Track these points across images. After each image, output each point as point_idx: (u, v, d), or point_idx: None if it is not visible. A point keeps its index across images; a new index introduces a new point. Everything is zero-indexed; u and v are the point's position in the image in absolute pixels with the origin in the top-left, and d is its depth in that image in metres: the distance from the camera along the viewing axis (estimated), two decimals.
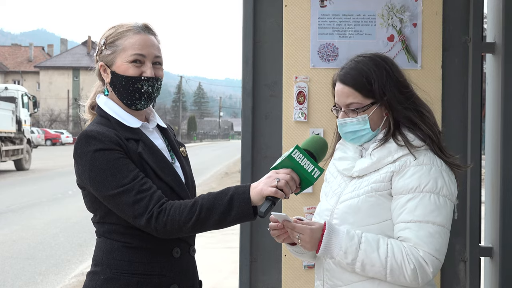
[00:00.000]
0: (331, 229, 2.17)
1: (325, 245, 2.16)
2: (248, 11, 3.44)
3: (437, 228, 2.13)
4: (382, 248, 2.13)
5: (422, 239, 2.11)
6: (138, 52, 2.27)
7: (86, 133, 2.20)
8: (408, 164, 2.19)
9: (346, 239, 2.14)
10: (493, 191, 3.49)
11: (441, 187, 2.16)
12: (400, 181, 2.18)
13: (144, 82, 2.27)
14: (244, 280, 3.46)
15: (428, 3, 3.41)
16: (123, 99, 2.30)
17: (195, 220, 2.11)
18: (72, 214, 12.65)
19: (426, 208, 2.14)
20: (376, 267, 2.13)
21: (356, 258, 2.13)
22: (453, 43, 3.42)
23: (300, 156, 2.14)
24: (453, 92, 3.41)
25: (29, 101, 26.65)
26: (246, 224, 3.43)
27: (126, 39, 2.28)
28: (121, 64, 2.27)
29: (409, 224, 2.14)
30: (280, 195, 2.11)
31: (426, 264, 2.10)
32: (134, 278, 2.22)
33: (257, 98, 3.46)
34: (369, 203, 2.21)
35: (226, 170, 25.59)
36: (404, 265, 2.10)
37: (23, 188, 18.02)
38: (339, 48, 3.42)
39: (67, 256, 9.09)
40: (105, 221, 2.28)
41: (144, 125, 2.35)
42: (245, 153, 3.45)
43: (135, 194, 2.13)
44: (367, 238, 2.15)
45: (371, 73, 2.26)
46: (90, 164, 2.17)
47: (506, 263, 3.38)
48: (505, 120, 3.38)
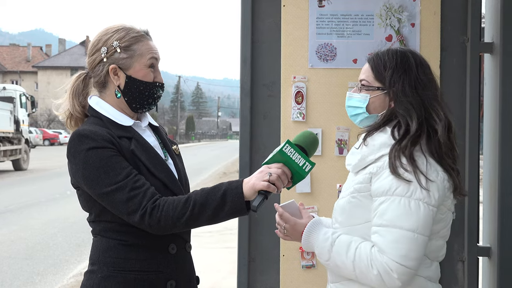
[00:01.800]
0: (313, 227, 2.23)
1: (304, 241, 2.24)
2: (246, 11, 3.44)
3: (405, 233, 2.06)
4: (350, 252, 2.13)
5: (387, 245, 2.06)
6: (154, 56, 2.35)
7: (79, 132, 2.22)
8: (385, 166, 2.14)
9: (321, 240, 2.20)
10: (491, 191, 3.49)
11: (413, 190, 2.08)
12: (376, 183, 2.15)
13: (158, 88, 2.37)
14: (242, 280, 3.46)
15: (426, 3, 3.41)
16: (134, 103, 2.34)
17: (188, 215, 2.14)
18: (70, 214, 12.64)
19: (395, 212, 2.07)
20: (346, 270, 2.15)
21: (329, 259, 2.18)
22: (451, 43, 3.43)
23: (291, 150, 2.17)
24: (451, 92, 3.41)
25: (27, 101, 26.62)
26: (245, 224, 3.44)
27: (142, 45, 2.34)
28: (140, 68, 2.32)
29: (378, 228, 2.10)
30: (272, 189, 2.13)
31: (390, 271, 2.05)
32: (131, 275, 2.23)
33: (256, 98, 3.46)
34: (352, 204, 2.21)
35: (224, 170, 25.58)
36: (368, 270, 2.09)
37: (21, 188, 18.01)
38: (337, 48, 3.42)
39: (65, 256, 9.09)
40: (100, 219, 2.29)
41: (137, 124, 2.37)
42: (243, 153, 3.46)
43: (128, 191, 2.15)
44: (340, 241, 2.16)
45: (391, 61, 2.25)
46: (84, 162, 2.19)
47: (504, 263, 3.38)
48: (503, 120, 3.38)
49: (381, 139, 2.20)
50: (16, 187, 18.54)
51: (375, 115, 2.28)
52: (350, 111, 2.35)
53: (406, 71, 2.23)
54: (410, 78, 2.22)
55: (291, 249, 3.39)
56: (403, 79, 2.22)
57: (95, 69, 2.37)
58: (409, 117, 2.18)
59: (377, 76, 2.27)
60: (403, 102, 2.20)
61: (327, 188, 3.39)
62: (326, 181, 3.37)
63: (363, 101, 2.29)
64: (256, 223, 3.46)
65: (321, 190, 3.36)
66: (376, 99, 2.27)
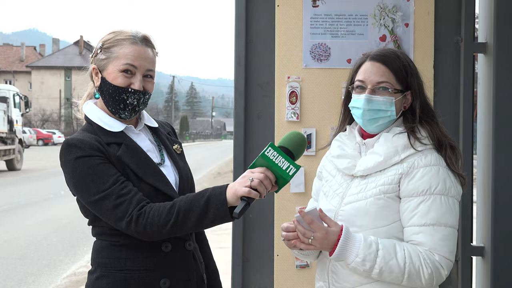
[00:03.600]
0: (348, 235, 2.14)
1: (340, 250, 2.13)
2: (241, 11, 3.44)
3: (449, 230, 2.14)
4: (400, 254, 2.12)
5: (437, 243, 2.12)
6: (130, 62, 2.28)
7: (67, 141, 2.24)
8: (417, 166, 2.17)
9: (363, 247, 2.11)
10: (484, 191, 3.50)
11: (449, 188, 2.17)
12: (410, 184, 2.16)
13: (130, 94, 2.29)
14: (236, 280, 3.46)
15: (420, 3, 3.41)
16: (108, 106, 2.32)
17: (173, 223, 2.13)
18: (64, 215, 12.61)
19: (438, 210, 2.13)
20: (394, 274, 2.12)
21: (374, 265, 2.11)
22: (445, 43, 3.43)
23: (274, 154, 2.11)
24: (445, 92, 3.42)
25: (20, 101, 26.55)
26: (239, 224, 3.43)
27: (122, 48, 2.29)
28: (112, 71, 2.28)
29: (423, 228, 2.13)
30: (254, 194, 2.09)
31: (441, 268, 2.12)
32: (121, 274, 2.24)
33: (250, 98, 3.46)
34: (377, 206, 2.18)
35: (218, 170, 25.57)
36: (422, 270, 2.11)
37: (14, 189, 17.96)
38: (331, 48, 3.42)
39: (59, 257, 9.06)
40: (95, 224, 2.32)
41: (129, 128, 2.36)
42: (238, 153, 3.45)
43: (114, 198, 2.16)
44: (384, 245, 2.13)
45: (408, 64, 2.29)
46: (72, 172, 2.21)
47: (498, 262, 3.39)
48: (497, 120, 3.39)
49: (402, 141, 2.22)
50: (9, 187, 18.49)
51: (395, 117, 2.29)
52: (371, 114, 2.26)
53: (417, 73, 2.31)
54: (420, 80, 2.31)
55: (285, 249, 3.39)
56: (418, 82, 2.29)
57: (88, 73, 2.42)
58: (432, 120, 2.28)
59: (399, 79, 2.26)
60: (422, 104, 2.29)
61: None
62: None
63: (390, 103, 2.25)
64: (251, 223, 3.46)
65: None
66: (398, 101, 2.27)
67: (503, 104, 3.39)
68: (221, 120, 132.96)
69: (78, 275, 7.93)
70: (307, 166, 3.38)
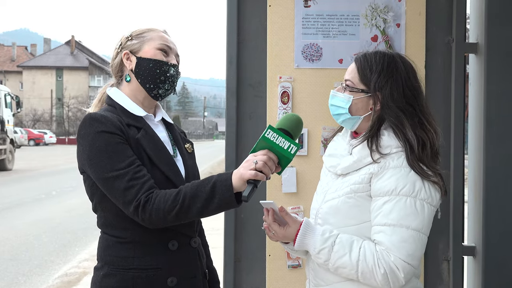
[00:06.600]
0: (307, 228, 2.19)
1: (299, 243, 2.20)
2: (232, 11, 3.44)
3: (411, 233, 2.09)
4: (354, 252, 2.12)
5: (394, 244, 2.08)
6: (166, 43, 2.41)
7: (91, 115, 2.26)
8: (387, 166, 2.15)
9: (320, 240, 2.16)
10: (476, 190, 3.52)
11: (419, 190, 2.12)
12: (378, 183, 2.15)
13: (170, 66, 2.38)
14: (228, 280, 3.45)
15: (411, 3, 3.42)
16: (147, 82, 2.37)
17: (178, 208, 2.14)
18: (55, 215, 12.57)
19: (401, 211, 2.10)
20: (347, 270, 2.13)
21: (328, 259, 2.14)
22: (436, 44, 3.45)
23: (274, 135, 2.14)
24: (436, 92, 3.43)
25: (12, 101, 26.42)
26: (231, 224, 3.43)
27: (154, 32, 2.43)
28: (149, 49, 2.38)
29: (383, 227, 2.11)
30: (261, 176, 2.12)
31: (397, 270, 2.07)
32: (129, 273, 2.25)
33: (241, 98, 3.46)
34: (348, 204, 2.20)
35: (210, 170, 25.55)
36: (374, 269, 2.09)
37: (6, 189, 17.87)
38: (323, 48, 3.43)
39: (50, 257, 9.03)
40: (100, 210, 2.32)
41: (149, 117, 2.41)
42: (230, 153, 3.45)
43: (128, 180, 2.16)
44: (341, 240, 2.14)
45: (378, 64, 2.24)
46: (90, 144, 2.21)
47: (489, 262, 3.41)
48: (488, 120, 3.40)
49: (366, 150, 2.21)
50: (0, 187, 18.38)
51: (357, 117, 2.27)
52: (333, 109, 2.33)
53: (393, 76, 2.22)
54: (398, 83, 2.22)
55: (277, 249, 3.39)
56: (391, 84, 2.21)
57: (113, 66, 2.46)
58: (401, 125, 2.18)
59: (362, 79, 2.25)
60: (392, 108, 2.20)
61: (313, 188, 3.35)
62: (312, 181, 3.37)
63: (346, 101, 2.27)
64: (242, 223, 3.46)
65: (307, 190, 3.36)
66: (359, 101, 2.26)
67: (494, 104, 3.41)
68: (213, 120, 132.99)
69: (70, 276, 7.91)
70: (299, 166, 3.39)
